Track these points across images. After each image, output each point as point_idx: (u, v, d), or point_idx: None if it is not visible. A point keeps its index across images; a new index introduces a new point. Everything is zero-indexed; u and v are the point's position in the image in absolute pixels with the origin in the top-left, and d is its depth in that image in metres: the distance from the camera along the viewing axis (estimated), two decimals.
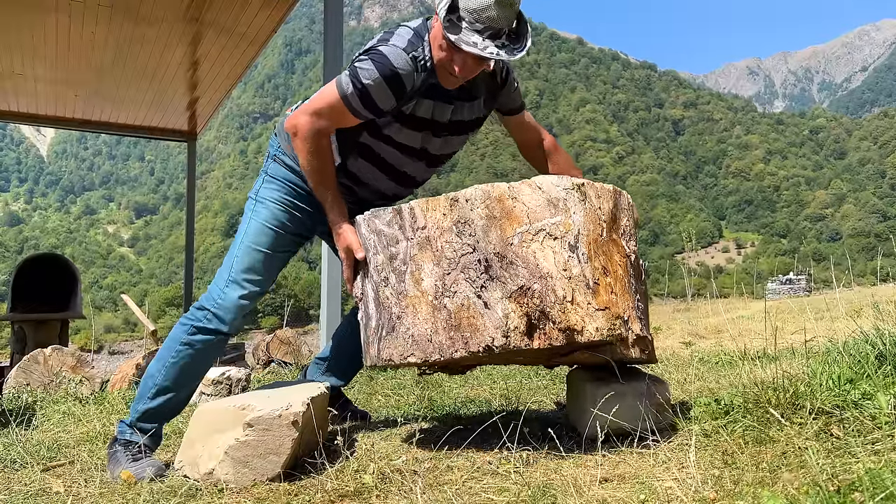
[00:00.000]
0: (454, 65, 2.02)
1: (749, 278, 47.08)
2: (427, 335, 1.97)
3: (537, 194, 1.95)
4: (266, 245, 2.28)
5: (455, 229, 1.97)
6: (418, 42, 2.09)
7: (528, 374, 3.86)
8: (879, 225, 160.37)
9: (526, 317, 1.88)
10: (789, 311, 7.76)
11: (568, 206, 1.94)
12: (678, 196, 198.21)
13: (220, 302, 2.24)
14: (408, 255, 2.03)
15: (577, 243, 1.91)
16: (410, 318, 2.00)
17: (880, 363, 2.10)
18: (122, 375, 5.19)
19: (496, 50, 1.93)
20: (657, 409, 2.07)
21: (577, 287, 1.88)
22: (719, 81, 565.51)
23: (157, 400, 2.24)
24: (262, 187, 2.35)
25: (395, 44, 2.07)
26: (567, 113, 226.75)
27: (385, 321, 2.07)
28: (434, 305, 1.97)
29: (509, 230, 1.93)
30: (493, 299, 1.90)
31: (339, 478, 1.86)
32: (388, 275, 2.07)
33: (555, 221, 1.92)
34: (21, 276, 7.73)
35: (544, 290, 1.88)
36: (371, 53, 2.08)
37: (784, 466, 1.55)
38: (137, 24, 6.34)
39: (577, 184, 1.97)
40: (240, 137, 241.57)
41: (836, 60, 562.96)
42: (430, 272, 1.98)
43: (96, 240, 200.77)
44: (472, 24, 1.92)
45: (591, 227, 1.95)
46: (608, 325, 1.88)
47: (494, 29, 1.93)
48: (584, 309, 1.87)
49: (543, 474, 1.79)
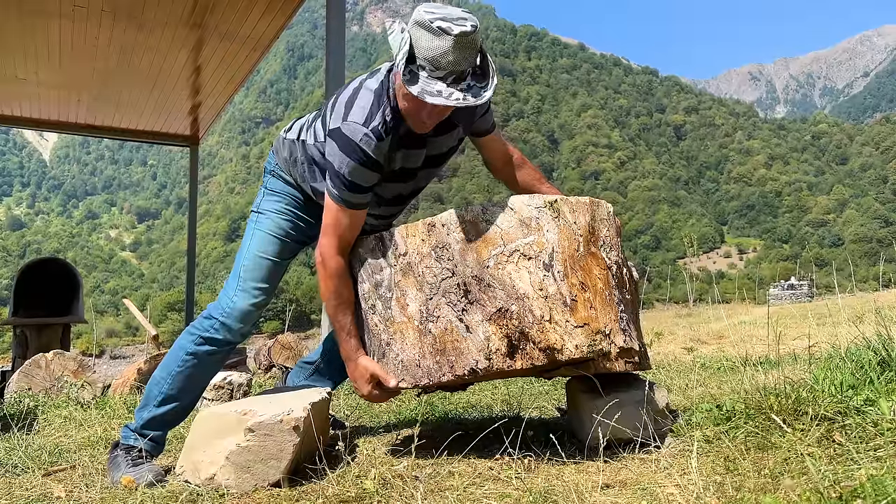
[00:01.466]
0: (421, 114, 1.98)
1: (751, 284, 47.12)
2: (415, 360, 2.00)
3: (509, 215, 1.96)
4: (272, 253, 2.32)
5: (434, 254, 1.99)
6: (377, 107, 2.04)
7: (529, 380, 3.86)
8: (882, 230, 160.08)
9: (506, 338, 1.90)
10: (791, 316, 7.75)
11: (541, 224, 1.95)
12: (680, 201, 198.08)
13: (229, 311, 2.25)
14: (392, 281, 2.05)
15: (552, 261, 1.92)
16: (399, 344, 2.04)
17: (882, 369, 2.10)
18: (123, 380, 5.19)
19: (461, 95, 1.86)
20: (658, 416, 2.06)
21: (555, 305, 1.89)
22: (721, 87, 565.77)
23: (162, 408, 2.25)
24: (264, 200, 2.40)
25: (354, 120, 2.03)
26: (569, 118, 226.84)
27: (376, 348, 2.11)
28: (420, 330, 1.99)
29: (485, 252, 1.94)
30: (475, 322, 1.92)
31: (340, 483, 1.85)
32: (374, 302, 2.10)
33: (528, 241, 1.94)
34: (23, 281, 7.74)
35: (522, 310, 1.89)
36: (334, 136, 2.04)
37: (786, 473, 1.54)
38: (140, 30, 6.35)
39: (549, 202, 1.97)
40: (242, 142, 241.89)
41: (837, 66, 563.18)
42: (415, 297, 2.01)
43: (98, 244, 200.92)
44: (432, 71, 1.86)
45: (566, 243, 1.95)
46: (588, 342, 1.89)
47: (457, 72, 1.86)
48: (562, 327, 1.88)
49: (545, 480, 1.79)
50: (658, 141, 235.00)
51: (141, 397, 2.34)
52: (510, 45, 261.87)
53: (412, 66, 1.88)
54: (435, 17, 1.85)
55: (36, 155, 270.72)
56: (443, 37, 1.83)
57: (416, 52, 1.87)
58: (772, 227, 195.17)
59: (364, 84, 2.11)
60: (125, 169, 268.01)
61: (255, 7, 6.02)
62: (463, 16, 1.87)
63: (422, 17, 1.86)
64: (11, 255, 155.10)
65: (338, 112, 2.09)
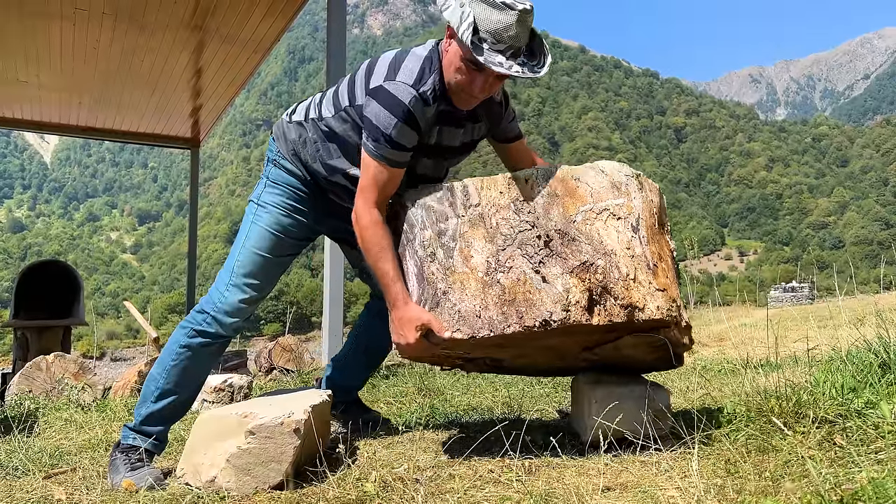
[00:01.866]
0: (474, 85, 2.01)
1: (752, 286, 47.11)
2: (476, 311, 1.95)
3: (601, 177, 2.00)
4: (268, 250, 2.29)
5: (513, 206, 2.00)
6: (428, 72, 2.07)
7: (530, 383, 3.86)
8: (882, 233, 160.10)
9: (588, 292, 1.89)
10: (792, 319, 7.75)
11: (629, 190, 2.00)
12: (680, 203, 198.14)
13: (220, 305, 2.25)
14: (457, 231, 2.03)
15: (639, 226, 1.96)
16: (458, 293, 1.98)
17: (883, 372, 2.10)
18: (124, 382, 5.20)
19: (519, 69, 1.94)
20: (659, 417, 2.07)
21: (640, 266, 1.92)
22: (721, 89, 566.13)
23: (159, 403, 2.25)
24: (265, 192, 2.36)
25: (403, 80, 2.04)
26: (569, 120, 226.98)
27: (429, 296, 2.03)
28: (484, 282, 1.96)
29: (572, 208, 1.97)
30: (553, 275, 1.91)
31: (340, 486, 1.85)
32: (435, 250, 2.05)
33: (618, 203, 1.98)
34: (24, 283, 7.75)
35: (608, 266, 1.91)
36: (379, 95, 2.04)
37: (787, 476, 1.54)
38: (141, 32, 6.37)
39: (635, 173, 2.04)
40: (243, 145, 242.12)
41: (838, 68, 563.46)
42: (482, 249, 1.99)
43: (99, 246, 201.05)
44: (494, 44, 1.92)
45: (646, 214, 2.00)
46: (667, 305, 1.91)
47: (515, 48, 1.94)
48: (645, 287, 1.90)
49: (545, 483, 1.79)
50: (659, 143, 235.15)
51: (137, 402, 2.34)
52: None
53: (474, 37, 1.93)
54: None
55: (37, 157, 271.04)
56: (507, 11, 1.89)
57: (479, 25, 1.92)
58: (772, 230, 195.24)
59: (411, 51, 2.13)
60: (126, 171, 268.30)
61: (256, 10, 6.04)
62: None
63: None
64: (12, 257, 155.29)
65: (379, 72, 2.09)
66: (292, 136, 2.33)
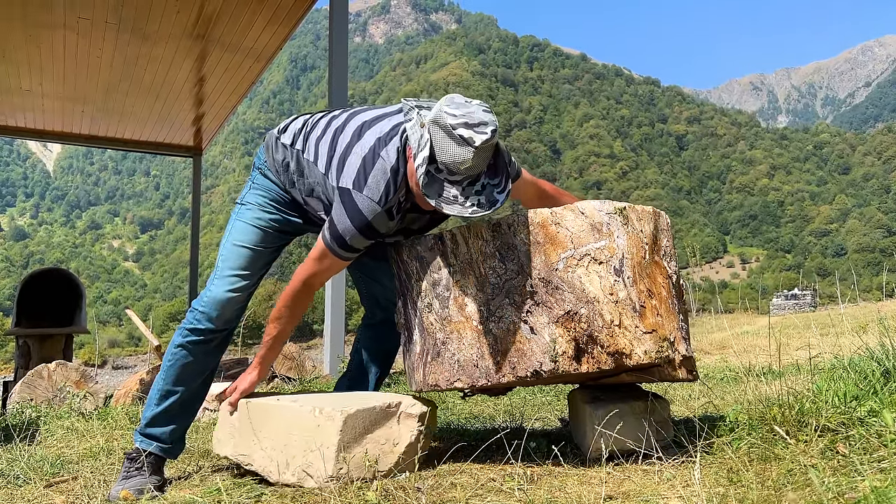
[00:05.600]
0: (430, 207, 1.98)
1: (754, 293, 47.04)
2: (473, 360, 1.99)
3: (580, 219, 1.96)
4: (249, 241, 2.30)
5: (499, 255, 1.98)
6: (393, 187, 2.00)
7: (532, 391, 3.85)
8: (884, 240, 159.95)
9: (574, 341, 1.89)
10: (794, 326, 7.72)
11: (611, 229, 1.95)
12: (682, 211, 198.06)
13: (207, 300, 2.27)
14: (450, 280, 2.04)
15: (622, 267, 1.93)
16: (455, 343, 2.02)
17: (886, 380, 2.09)
18: (126, 391, 5.19)
19: (476, 200, 1.86)
20: (660, 426, 2.06)
21: (624, 311, 1.89)
22: (723, 97, 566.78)
23: (162, 404, 2.28)
24: (249, 193, 2.39)
25: (370, 196, 1.98)
26: (571, 128, 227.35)
27: (430, 347, 2.09)
28: (479, 330, 1.98)
29: (553, 256, 1.94)
30: (540, 324, 1.91)
31: (342, 494, 1.85)
32: (431, 300, 2.08)
33: (599, 246, 1.94)
34: (26, 291, 7.75)
35: (592, 314, 1.89)
36: (345, 199, 2.01)
37: (789, 484, 1.54)
38: (144, 42, 6.40)
39: (619, 208, 1.99)
40: (245, 153, 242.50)
41: (839, 76, 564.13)
42: (474, 297, 2.00)
43: (101, 254, 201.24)
44: (450, 175, 1.86)
45: (634, 250, 1.96)
46: (656, 348, 1.90)
47: (472, 176, 1.87)
48: (631, 332, 1.88)
49: (547, 491, 1.78)
50: (660, 151, 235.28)
51: (143, 408, 2.35)
52: (512, 56, 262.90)
53: (431, 166, 1.88)
54: (458, 123, 1.83)
55: (39, 165, 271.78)
56: (465, 147, 1.83)
57: (436, 154, 1.86)
58: (774, 237, 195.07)
59: (381, 154, 2.03)
60: (128, 179, 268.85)
61: (259, 19, 6.06)
62: (484, 119, 1.85)
63: (444, 121, 1.85)
64: (14, 265, 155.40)
65: (350, 168, 2.04)
66: (278, 156, 2.33)
